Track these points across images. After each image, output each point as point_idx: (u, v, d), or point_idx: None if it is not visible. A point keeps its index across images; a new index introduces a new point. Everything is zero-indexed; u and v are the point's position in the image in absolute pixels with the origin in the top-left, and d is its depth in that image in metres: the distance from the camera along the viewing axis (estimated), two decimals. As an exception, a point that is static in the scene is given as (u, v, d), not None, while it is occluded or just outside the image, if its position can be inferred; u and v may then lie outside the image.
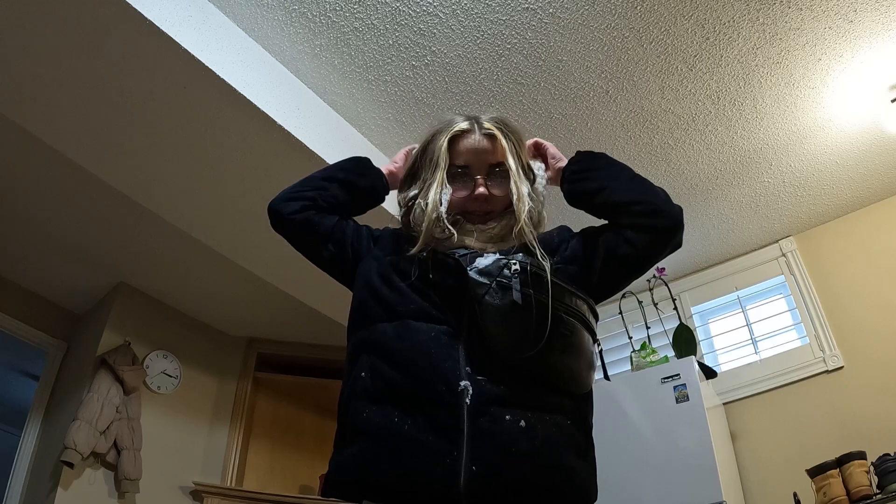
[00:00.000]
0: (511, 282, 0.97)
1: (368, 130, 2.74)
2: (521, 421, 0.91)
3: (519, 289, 0.97)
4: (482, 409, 0.90)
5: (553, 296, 0.98)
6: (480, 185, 1.11)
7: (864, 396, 2.81)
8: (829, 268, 3.20)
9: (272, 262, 2.97)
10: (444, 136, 1.14)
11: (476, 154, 1.14)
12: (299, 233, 1.20)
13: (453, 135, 1.14)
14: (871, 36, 2.41)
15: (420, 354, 0.96)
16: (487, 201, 1.12)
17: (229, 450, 3.50)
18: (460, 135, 1.15)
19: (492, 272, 0.99)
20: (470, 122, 1.17)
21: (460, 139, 1.15)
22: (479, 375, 0.93)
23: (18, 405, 4.23)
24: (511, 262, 0.99)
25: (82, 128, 2.29)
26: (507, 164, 1.13)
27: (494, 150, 1.14)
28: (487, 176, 1.13)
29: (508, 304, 0.96)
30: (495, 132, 1.14)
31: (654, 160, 2.93)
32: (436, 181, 1.10)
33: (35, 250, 3.22)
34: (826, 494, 2.48)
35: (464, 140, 1.15)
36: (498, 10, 2.29)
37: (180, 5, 2.06)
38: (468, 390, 0.91)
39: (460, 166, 1.13)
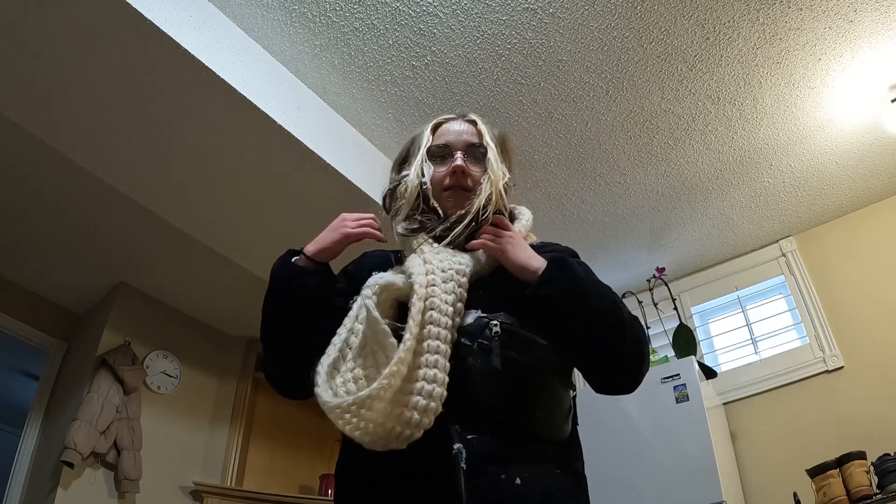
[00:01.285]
0: (492, 344, 0.96)
1: (368, 130, 2.74)
2: (517, 478, 0.90)
3: (499, 353, 0.96)
4: (478, 469, 0.89)
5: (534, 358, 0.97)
6: (458, 158, 1.14)
7: (864, 396, 2.81)
8: (829, 268, 3.20)
9: (272, 262, 2.97)
10: (429, 123, 1.23)
11: (456, 134, 1.19)
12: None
13: (437, 122, 1.22)
14: (871, 36, 2.41)
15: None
16: (465, 174, 1.13)
17: (229, 450, 3.50)
18: (444, 121, 1.23)
19: (473, 333, 0.97)
20: (453, 114, 1.25)
21: (443, 124, 1.22)
22: (470, 435, 0.91)
23: (18, 405, 4.23)
24: (493, 324, 0.97)
25: (82, 127, 2.29)
26: (485, 142, 1.17)
27: (474, 131, 1.20)
28: (466, 153, 1.16)
29: (490, 368, 0.95)
30: (476, 118, 1.22)
31: (654, 160, 2.93)
32: (418, 158, 1.17)
33: (35, 250, 3.22)
34: (826, 494, 2.48)
35: (446, 124, 1.22)
36: (498, 10, 2.29)
37: (180, 5, 2.06)
38: (462, 453, 0.90)
39: (441, 145, 1.18)
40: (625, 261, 3.51)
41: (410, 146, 1.24)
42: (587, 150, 2.86)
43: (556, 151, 2.86)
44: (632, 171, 2.98)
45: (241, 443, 3.55)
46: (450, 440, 0.90)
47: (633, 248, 3.44)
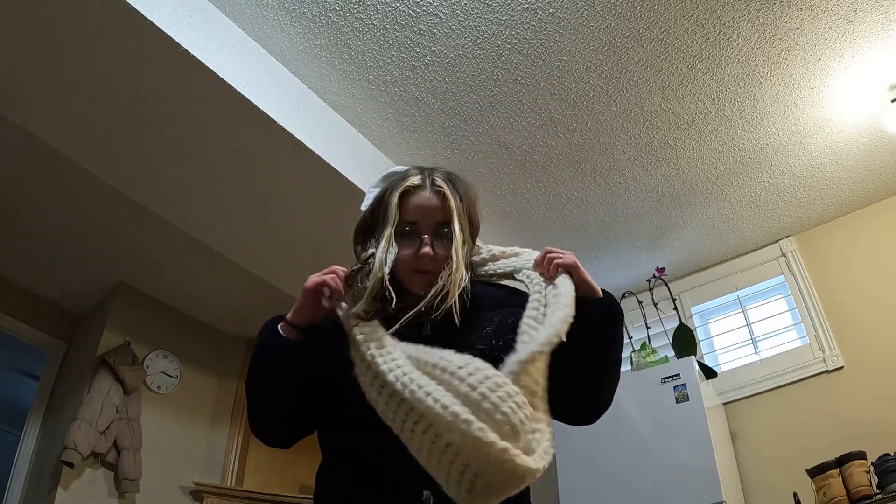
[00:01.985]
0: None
1: (368, 130, 2.74)
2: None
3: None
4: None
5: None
6: (426, 244, 1.13)
7: (864, 396, 2.81)
8: (829, 268, 3.20)
9: (272, 262, 2.97)
10: (397, 190, 1.17)
11: (424, 212, 1.16)
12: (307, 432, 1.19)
13: (404, 189, 1.17)
14: (871, 36, 2.41)
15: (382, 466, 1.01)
16: (432, 260, 1.13)
17: (229, 450, 3.50)
18: (411, 190, 1.17)
19: None
20: (422, 178, 1.19)
21: (411, 194, 1.17)
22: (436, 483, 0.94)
23: (18, 405, 4.23)
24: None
25: (82, 128, 2.29)
26: (453, 228, 1.14)
27: (443, 208, 1.16)
28: (434, 234, 1.14)
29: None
30: (445, 190, 1.17)
31: (654, 160, 2.93)
32: (384, 239, 1.13)
33: (35, 250, 3.22)
34: (826, 494, 2.48)
35: (414, 196, 1.17)
36: (498, 10, 2.29)
37: (180, 5, 2.06)
38: (430, 499, 0.95)
39: (409, 222, 1.15)
40: (625, 261, 3.51)
41: (375, 211, 1.20)
42: (587, 150, 2.86)
43: (556, 151, 2.86)
44: (632, 171, 2.98)
45: (241, 443, 3.55)
46: (420, 485, 0.95)
47: (633, 248, 3.44)
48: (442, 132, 2.76)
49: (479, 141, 2.80)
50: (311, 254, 2.89)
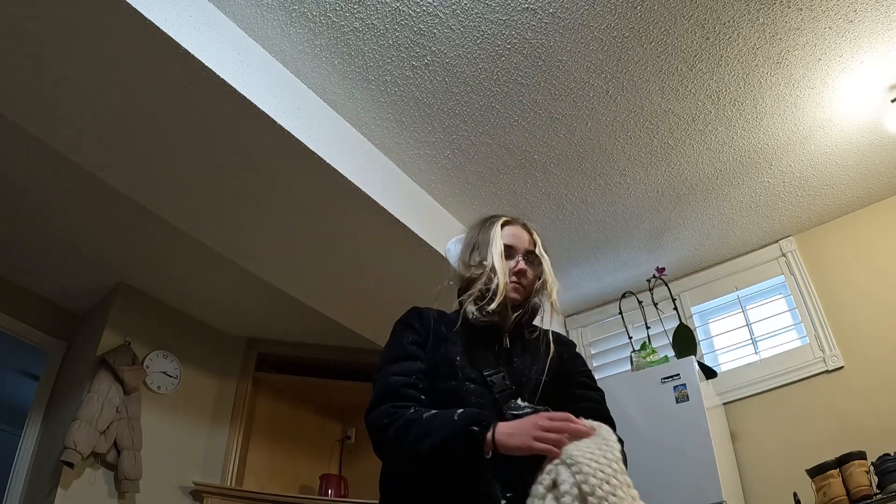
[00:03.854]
0: None
1: (368, 130, 2.74)
2: None
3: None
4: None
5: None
6: (522, 262, 1.45)
7: (864, 396, 2.81)
8: (829, 268, 3.20)
9: (272, 262, 2.97)
10: (497, 221, 1.51)
11: (518, 238, 1.50)
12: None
13: (504, 221, 1.51)
14: (871, 36, 2.41)
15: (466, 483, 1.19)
16: (524, 276, 1.44)
17: (229, 450, 3.50)
18: (509, 222, 1.52)
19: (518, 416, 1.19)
20: (511, 217, 1.56)
21: (508, 225, 1.52)
22: (509, 493, 1.17)
23: (18, 405, 4.23)
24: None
25: (81, 127, 2.29)
26: (540, 252, 1.50)
27: (530, 240, 1.51)
28: (525, 258, 1.47)
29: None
30: (530, 227, 1.55)
31: (654, 160, 2.93)
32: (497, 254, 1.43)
33: (35, 250, 3.22)
34: (826, 494, 2.48)
35: (510, 227, 1.52)
36: (498, 10, 2.29)
37: (180, 5, 2.06)
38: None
39: (508, 245, 1.47)
40: (625, 261, 3.51)
41: (478, 238, 1.50)
42: (587, 150, 2.86)
43: (556, 151, 2.86)
44: (632, 171, 2.98)
45: (241, 443, 3.55)
46: (497, 497, 1.17)
47: (633, 248, 3.44)
48: (442, 132, 2.76)
49: (479, 141, 2.80)
50: (311, 253, 2.89)
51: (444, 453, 1.13)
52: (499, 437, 1.11)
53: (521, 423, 1.13)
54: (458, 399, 1.27)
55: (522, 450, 1.10)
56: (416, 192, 2.98)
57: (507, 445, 1.10)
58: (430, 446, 1.14)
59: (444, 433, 1.14)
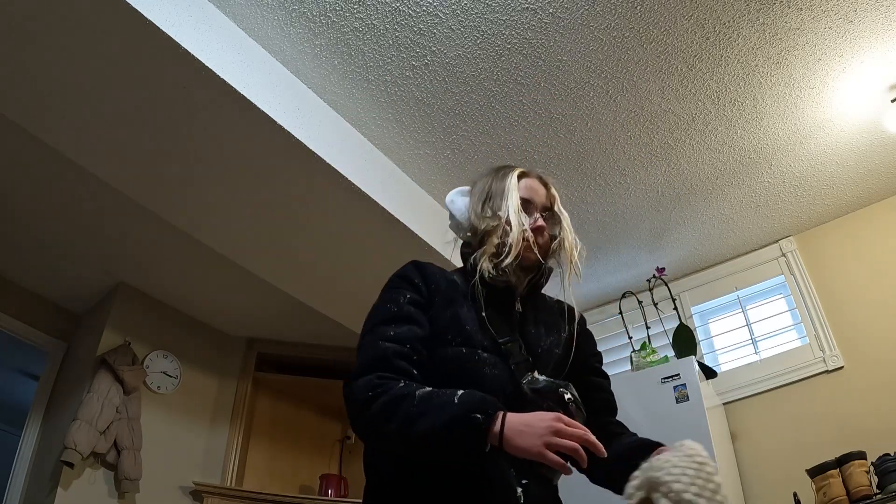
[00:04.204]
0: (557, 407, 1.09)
1: (368, 130, 2.74)
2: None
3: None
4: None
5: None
6: (539, 219, 1.30)
7: (864, 396, 2.81)
8: (829, 268, 3.20)
9: (272, 262, 2.97)
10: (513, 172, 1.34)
11: (535, 192, 1.34)
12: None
13: (521, 173, 1.35)
14: (871, 36, 2.41)
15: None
16: (542, 234, 1.29)
17: (229, 450, 3.50)
18: (524, 175, 1.35)
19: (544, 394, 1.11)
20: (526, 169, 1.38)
21: (523, 178, 1.35)
22: (525, 479, 1.07)
23: (18, 405, 4.23)
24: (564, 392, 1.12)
25: (81, 127, 2.29)
26: (559, 209, 1.34)
27: (548, 194, 1.36)
28: (543, 216, 1.32)
29: None
30: (548, 181, 1.38)
31: (654, 160, 2.93)
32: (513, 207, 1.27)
33: (35, 250, 3.22)
34: (826, 494, 2.48)
35: (527, 179, 1.35)
36: (498, 10, 2.29)
37: (180, 5, 2.06)
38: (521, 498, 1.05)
39: (525, 199, 1.31)
40: (625, 261, 3.51)
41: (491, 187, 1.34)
42: (587, 150, 2.86)
43: (556, 151, 2.86)
44: (632, 171, 2.98)
45: (241, 443, 3.55)
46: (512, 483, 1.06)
47: (633, 248, 3.44)
48: (442, 132, 2.76)
49: (479, 141, 2.80)
50: (311, 253, 2.89)
51: (440, 440, 0.98)
52: (508, 433, 0.96)
53: (534, 420, 0.98)
54: (467, 368, 1.11)
55: (530, 454, 0.95)
56: (416, 192, 2.98)
57: (514, 445, 0.96)
58: (424, 430, 0.99)
59: (443, 417, 0.98)
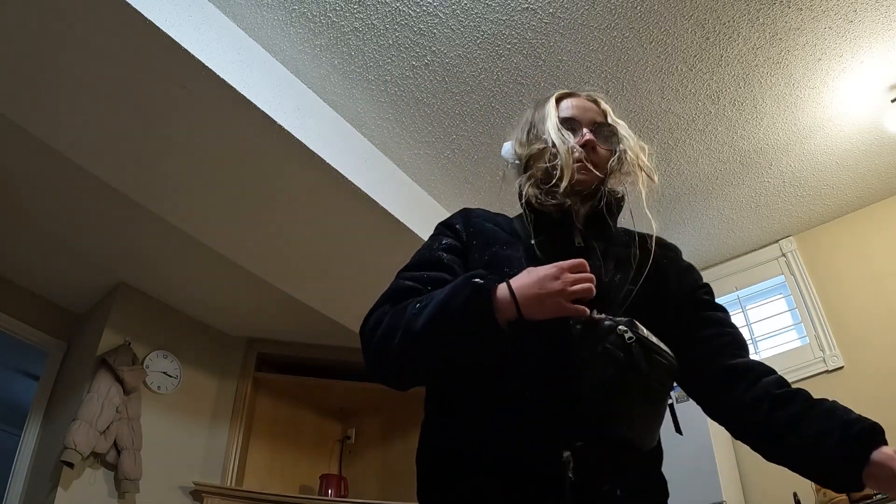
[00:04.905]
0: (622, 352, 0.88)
1: (368, 130, 2.74)
2: (619, 489, 0.88)
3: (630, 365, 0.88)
4: (585, 480, 0.86)
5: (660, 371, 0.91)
6: (587, 134, 1.10)
7: (864, 396, 2.81)
8: (829, 268, 3.20)
9: (272, 262, 2.97)
10: (553, 95, 1.17)
11: (582, 109, 1.14)
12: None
13: (559, 95, 1.17)
14: (871, 36, 2.41)
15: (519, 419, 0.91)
16: (595, 150, 1.10)
17: (229, 450, 3.50)
18: (566, 95, 1.18)
19: (598, 335, 0.89)
20: (570, 91, 1.20)
21: (565, 99, 1.17)
22: (579, 442, 0.87)
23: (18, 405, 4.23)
24: (621, 330, 0.89)
25: (82, 128, 2.29)
26: (613, 120, 1.13)
27: (599, 111, 1.16)
28: (593, 130, 1.12)
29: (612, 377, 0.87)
30: (598, 96, 1.18)
31: (654, 160, 2.92)
32: (552, 128, 1.10)
33: (35, 250, 3.22)
34: (826, 494, 2.48)
35: (569, 99, 1.17)
36: (498, 10, 2.29)
37: (180, 5, 2.06)
38: (570, 462, 0.86)
39: (567, 118, 1.13)
40: (625, 261, 3.51)
41: (533, 117, 1.17)
42: (587, 150, 2.86)
43: (556, 151, 2.86)
44: (632, 171, 2.98)
45: (241, 443, 3.55)
46: (558, 446, 0.87)
47: (633, 248, 3.44)
48: (442, 132, 2.76)
49: (479, 141, 2.80)
50: (311, 253, 2.89)
51: (443, 319, 0.89)
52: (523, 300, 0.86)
53: (539, 274, 0.88)
54: None
55: (560, 309, 0.86)
56: (417, 192, 2.98)
57: (532, 310, 0.86)
58: (425, 320, 0.90)
59: (441, 296, 0.90)
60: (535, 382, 0.91)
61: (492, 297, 0.87)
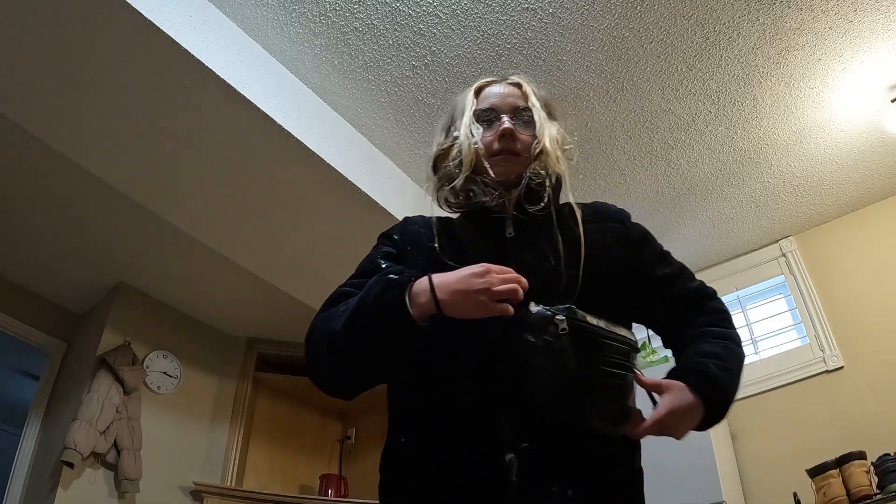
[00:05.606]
0: (559, 342, 0.86)
1: (368, 130, 2.74)
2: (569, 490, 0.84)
3: (571, 353, 0.85)
4: (531, 483, 0.83)
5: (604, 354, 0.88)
6: (506, 122, 1.09)
7: (864, 396, 2.81)
8: (829, 268, 3.20)
9: (272, 262, 2.97)
10: (471, 88, 1.16)
11: (501, 97, 1.13)
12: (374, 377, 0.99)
13: (479, 85, 1.16)
14: (871, 36, 2.41)
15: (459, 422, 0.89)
16: (514, 138, 1.08)
17: (229, 450, 3.50)
18: (486, 84, 1.17)
19: (535, 328, 0.87)
20: (495, 76, 1.20)
21: (486, 87, 1.16)
22: (524, 443, 0.85)
23: (18, 405, 4.23)
24: (558, 320, 0.87)
25: (82, 128, 2.29)
26: (531, 104, 1.12)
27: (520, 94, 1.14)
28: (513, 116, 1.11)
29: (557, 371, 0.85)
30: (521, 80, 1.16)
31: (654, 160, 2.93)
32: (465, 120, 1.10)
33: (35, 250, 3.22)
34: (826, 494, 2.48)
35: (489, 87, 1.16)
36: (498, 10, 2.29)
37: (180, 5, 2.06)
38: (514, 464, 0.83)
39: (486, 109, 1.12)
40: (625, 261, 3.50)
41: (454, 111, 1.17)
42: (587, 150, 2.86)
43: (556, 151, 2.86)
44: (632, 171, 2.98)
45: (241, 443, 3.55)
46: (501, 448, 0.85)
47: (633, 248, 3.44)
48: (442, 132, 2.76)
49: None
50: (311, 254, 2.89)
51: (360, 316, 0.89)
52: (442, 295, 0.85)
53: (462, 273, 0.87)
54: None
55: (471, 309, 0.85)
56: (417, 192, 2.98)
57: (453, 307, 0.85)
58: (345, 318, 0.90)
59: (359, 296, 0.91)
60: (480, 384, 0.89)
61: (405, 291, 0.87)
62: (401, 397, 0.98)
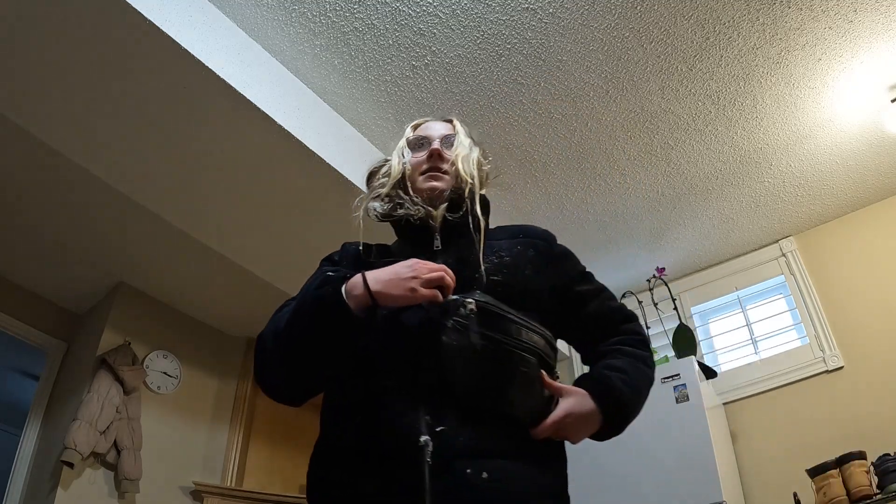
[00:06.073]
0: (468, 322, 0.93)
1: (368, 130, 2.74)
2: (484, 472, 0.87)
3: (477, 331, 0.93)
4: (445, 465, 0.86)
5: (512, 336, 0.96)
6: (435, 144, 1.21)
7: (864, 396, 2.81)
8: (829, 268, 3.20)
9: (272, 263, 2.97)
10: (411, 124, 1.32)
11: (433, 129, 1.27)
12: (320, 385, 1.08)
13: (417, 123, 1.31)
14: (871, 36, 2.41)
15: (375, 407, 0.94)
16: (441, 157, 1.19)
17: (229, 450, 3.50)
18: (423, 122, 1.31)
19: (447, 310, 0.94)
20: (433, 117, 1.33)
21: (422, 123, 1.30)
22: (439, 427, 0.89)
23: (18, 405, 4.23)
24: (467, 302, 0.94)
25: (82, 128, 2.29)
26: (456, 129, 1.25)
27: (451, 127, 1.28)
28: (442, 142, 1.23)
29: (466, 347, 0.92)
30: (453, 118, 1.30)
31: (654, 160, 2.93)
32: (400, 144, 1.25)
33: (35, 250, 3.22)
34: (826, 494, 2.48)
35: (425, 123, 1.30)
36: (498, 10, 2.29)
37: (180, 5, 2.06)
38: (429, 446, 0.87)
39: (419, 137, 1.25)
40: (625, 261, 3.51)
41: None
42: (587, 150, 2.86)
43: (556, 151, 2.86)
44: (632, 171, 2.98)
45: (241, 443, 3.55)
46: (417, 431, 0.88)
47: (633, 248, 3.44)
48: (442, 132, 2.76)
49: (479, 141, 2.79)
50: (311, 253, 2.88)
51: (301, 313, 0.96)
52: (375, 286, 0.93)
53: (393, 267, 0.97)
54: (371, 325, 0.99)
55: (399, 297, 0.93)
56: (416, 192, 2.98)
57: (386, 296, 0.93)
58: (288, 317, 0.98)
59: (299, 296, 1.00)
60: (399, 371, 0.95)
61: (341, 285, 0.95)
62: (335, 392, 1.05)
